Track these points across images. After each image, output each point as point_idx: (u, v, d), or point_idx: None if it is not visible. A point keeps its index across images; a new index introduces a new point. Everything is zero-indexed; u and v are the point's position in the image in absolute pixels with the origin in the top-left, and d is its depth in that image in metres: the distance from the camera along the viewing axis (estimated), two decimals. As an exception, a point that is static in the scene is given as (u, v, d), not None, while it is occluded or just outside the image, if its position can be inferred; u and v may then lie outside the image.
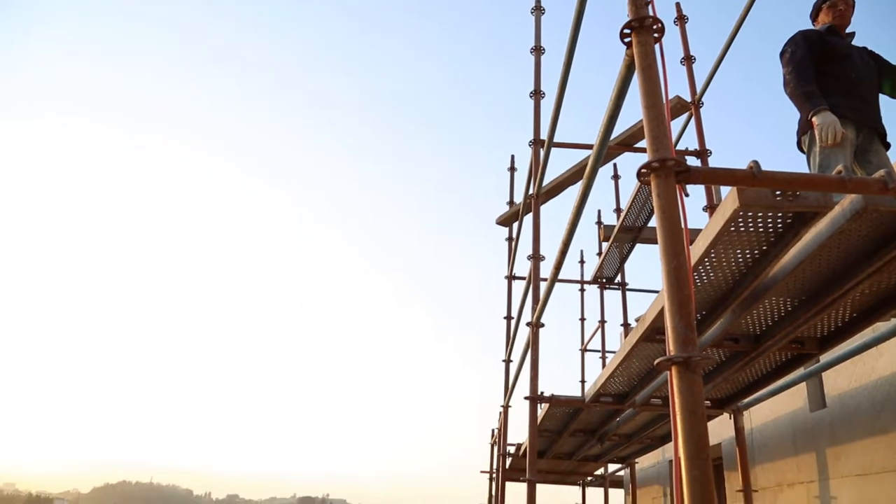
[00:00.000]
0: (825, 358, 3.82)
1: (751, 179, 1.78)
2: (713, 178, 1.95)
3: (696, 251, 2.37)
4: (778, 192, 1.94)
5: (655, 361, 1.46)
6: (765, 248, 2.38)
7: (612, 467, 9.23)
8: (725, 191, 2.22)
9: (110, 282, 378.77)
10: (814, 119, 3.31)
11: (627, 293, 8.50)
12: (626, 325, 8.27)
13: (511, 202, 8.80)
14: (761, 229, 2.24)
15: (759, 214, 2.11)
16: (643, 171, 1.68)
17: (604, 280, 8.30)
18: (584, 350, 9.58)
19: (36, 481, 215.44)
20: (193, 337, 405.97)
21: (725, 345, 3.37)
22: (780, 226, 2.22)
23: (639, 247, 7.28)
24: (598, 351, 9.15)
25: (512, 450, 7.78)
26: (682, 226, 1.64)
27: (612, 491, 9.70)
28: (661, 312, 2.91)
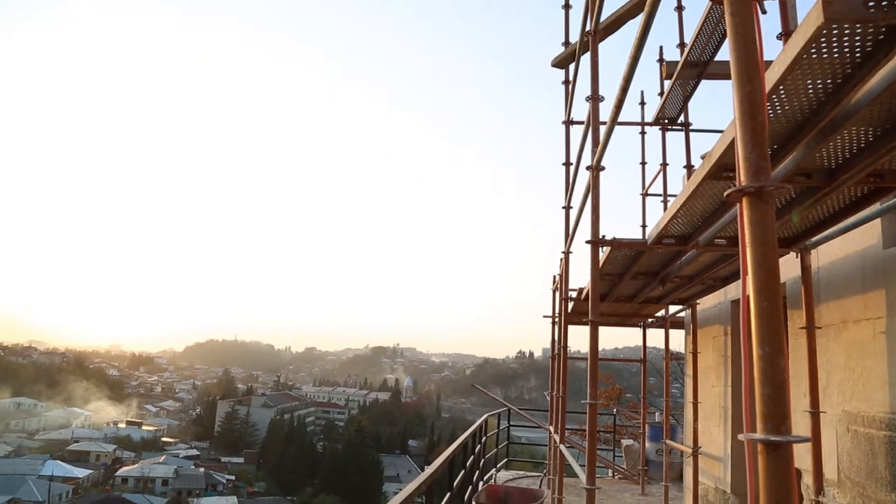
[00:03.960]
0: (905, 191, 3.62)
1: (840, -11, 1.59)
2: (796, -10, 1.75)
3: (771, 77, 2.18)
4: (871, 2, 1.73)
5: (725, 193, 1.40)
6: (849, 71, 2.17)
7: (672, 309, 9.36)
8: (803, 16, 2.00)
9: (182, 155, 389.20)
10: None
11: (691, 134, 8.14)
12: (689, 166, 8.00)
13: (567, 42, 8.31)
14: (846, 49, 2.03)
15: (846, 31, 1.90)
16: (716, -14, 1.52)
17: (666, 121, 7.94)
18: (644, 195, 9.40)
19: (137, 343, 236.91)
20: (264, 202, 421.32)
21: (797, 180, 3.21)
22: (868, 44, 2.00)
23: (704, 84, 6.84)
24: (660, 195, 8.96)
25: (574, 294, 7.94)
26: (758, 47, 1.50)
27: (672, 332, 9.91)
28: (731, 146, 2.77)
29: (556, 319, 10.00)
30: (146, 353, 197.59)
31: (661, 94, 8.05)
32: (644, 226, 9.28)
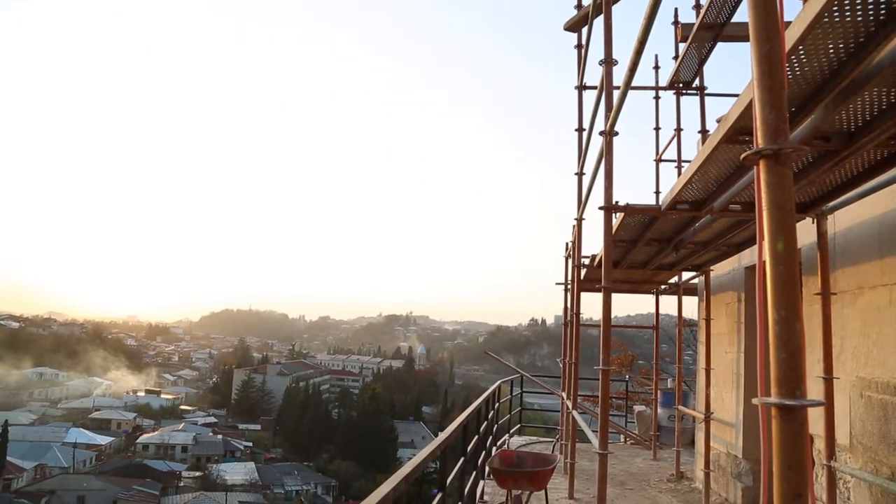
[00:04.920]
0: (926, 153, 3.55)
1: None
2: (817, -55, 1.69)
3: (790, 37, 2.13)
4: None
5: (742, 155, 1.37)
6: (872, 29, 2.11)
7: (686, 275, 9.33)
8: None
9: (198, 135, 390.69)
10: None
11: (706, 98, 8.01)
12: (703, 131, 7.89)
13: (579, 5, 8.16)
14: (870, 6, 1.97)
15: (869, -13, 1.85)
16: (735, -59, 1.47)
17: (680, 85, 7.81)
18: (658, 160, 9.30)
19: (154, 313, 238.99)
20: (277, 173, 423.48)
21: (815, 144, 3.16)
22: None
23: (720, 47, 6.71)
24: (674, 161, 8.86)
25: (586, 261, 7.92)
26: (778, 4, 1.46)
27: (685, 298, 9.89)
28: (747, 109, 2.72)
29: (569, 286, 10.00)
30: (162, 323, 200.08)
31: (676, 57, 7.90)
32: (658, 192, 9.21)
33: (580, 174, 7.53)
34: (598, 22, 5.07)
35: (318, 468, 68.36)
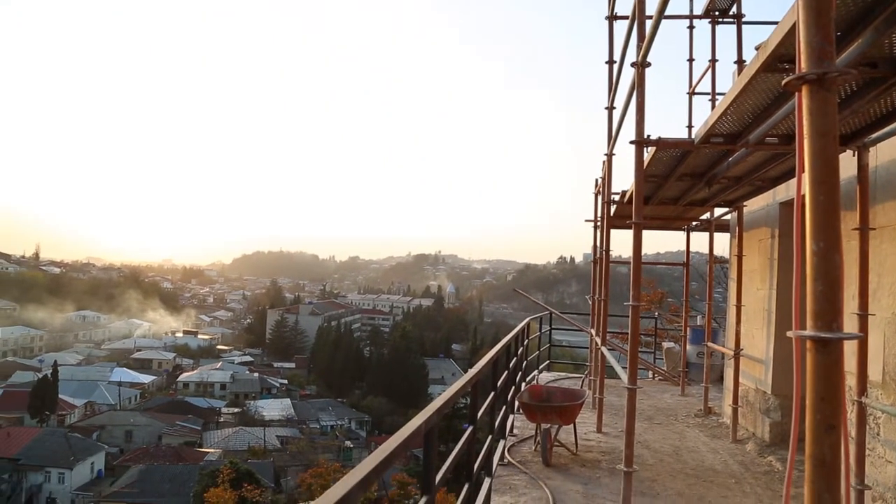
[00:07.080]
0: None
1: None
2: None
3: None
4: None
5: (784, 81, 1.31)
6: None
7: (718, 212, 9.16)
8: None
9: (227, 83, 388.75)
10: None
11: (743, 27, 7.68)
12: (740, 62, 7.59)
13: (611, -70, 7.79)
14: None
15: None
16: None
17: (716, 13, 7.48)
18: (691, 93, 9.01)
19: (188, 257, 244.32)
20: (302, 116, 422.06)
21: (861, 71, 3.01)
22: None
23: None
24: (708, 94, 8.58)
25: (616, 198, 7.81)
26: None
27: (717, 235, 9.74)
28: (789, 34, 2.59)
29: (598, 223, 9.91)
30: (196, 265, 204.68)
31: (713, -18, 7.55)
32: (690, 126, 8.96)
33: (610, 108, 7.35)
34: (631, -54, 4.83)
35: (352, 404, 70.39)
